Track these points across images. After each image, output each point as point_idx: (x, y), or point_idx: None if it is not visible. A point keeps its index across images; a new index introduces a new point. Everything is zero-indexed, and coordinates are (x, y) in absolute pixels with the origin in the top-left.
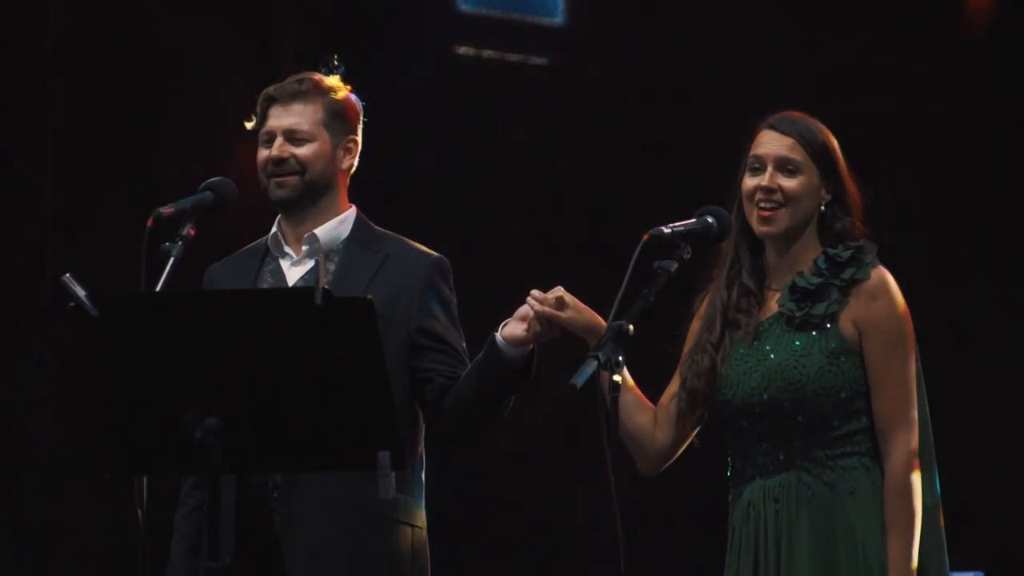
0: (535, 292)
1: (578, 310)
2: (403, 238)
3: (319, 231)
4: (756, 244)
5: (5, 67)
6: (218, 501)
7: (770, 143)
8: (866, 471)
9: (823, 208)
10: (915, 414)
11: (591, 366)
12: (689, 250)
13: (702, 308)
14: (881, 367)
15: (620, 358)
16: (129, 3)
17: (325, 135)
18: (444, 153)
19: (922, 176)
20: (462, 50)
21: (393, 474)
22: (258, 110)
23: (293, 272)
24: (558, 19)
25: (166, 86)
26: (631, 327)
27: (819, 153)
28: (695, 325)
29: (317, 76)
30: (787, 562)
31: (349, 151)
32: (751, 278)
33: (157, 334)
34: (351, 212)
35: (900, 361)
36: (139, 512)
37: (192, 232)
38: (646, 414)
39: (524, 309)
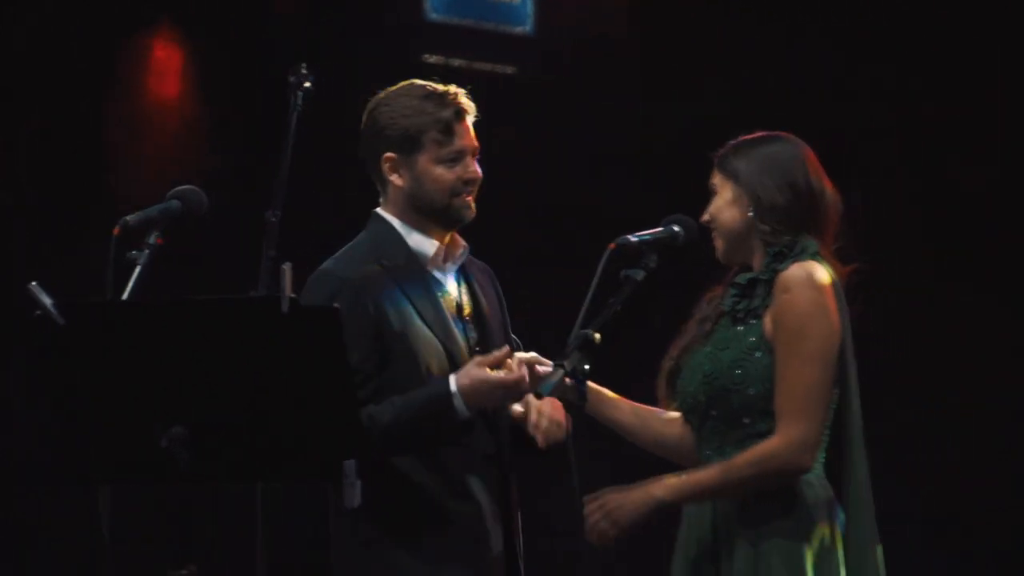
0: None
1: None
2: None
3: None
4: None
5: None
6: (188, 510)
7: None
8: None
9: (751, 214)
10: (808, 422)
11: (557, 375)
12: (655, 259)
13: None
14: (778, 361)
15: (586, 366)
16: (96, 12)
17: None
18: None
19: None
20: (431, 59)
21: (359, 482)
22: (449, 118)
23: (456, 289)
24: (527, 28)
25: (135, 94)
26: (597, 336)
27: (731, 169)
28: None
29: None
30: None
31: None
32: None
33: (123, 343)
34: None
35: (797, 360)
36: (102, 520)
37: (159, 240)
38: (665, 423)
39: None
